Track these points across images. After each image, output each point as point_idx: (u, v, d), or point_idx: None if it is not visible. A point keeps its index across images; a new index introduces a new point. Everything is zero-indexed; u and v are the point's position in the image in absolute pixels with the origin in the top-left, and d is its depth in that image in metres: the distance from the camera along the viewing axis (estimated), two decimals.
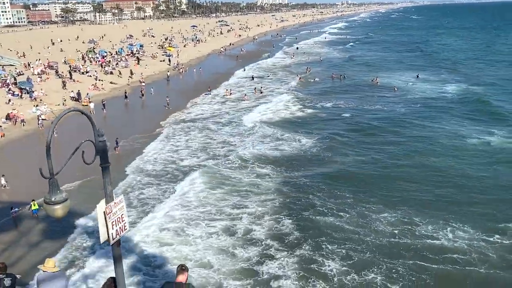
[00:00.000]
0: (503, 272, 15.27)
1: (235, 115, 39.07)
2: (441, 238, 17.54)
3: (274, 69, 66.35)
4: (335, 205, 20.59)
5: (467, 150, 28.13)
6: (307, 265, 16.05)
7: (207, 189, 22.85)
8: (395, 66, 66.29)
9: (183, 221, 19.47)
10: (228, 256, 16.73)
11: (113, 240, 6.07)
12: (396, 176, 24.16)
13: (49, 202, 5.09)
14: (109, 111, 40.13)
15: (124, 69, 59.11)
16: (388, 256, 16.36)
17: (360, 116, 37.70)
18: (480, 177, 23.65)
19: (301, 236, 18.00)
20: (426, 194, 21.72)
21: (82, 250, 17.18)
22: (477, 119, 35.69)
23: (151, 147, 30.05)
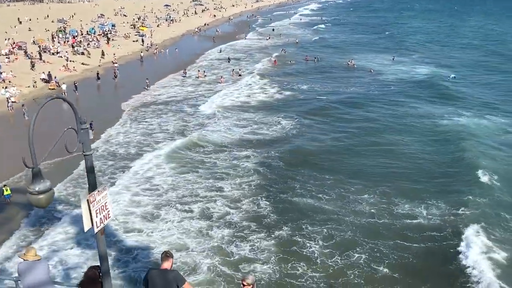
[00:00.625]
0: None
1: (210, 97, 38.75)
2: (417, 216, 18.16)
3: (250, 50, 65.81)
4: (314, 187, 20.93)
5: (438, 130, 29.08)
6: (288, 247, 16.29)
7: (177, 174, 22.77)
8: (369, 49, 66.70)
9: (153, 206, 19.37)
10: (204, 238, 16.81)
11: (97, 228, 6.04)
12: (373, 157, 24.76)
13: (33, 192, 5.00)
14: (81, 93, 39.18)
15: (96, 50, 57.53)
16: (370, 236, 16.83)
17: (338, 98, 38.09)
18: (451, 156, 24.51)
19: (281, 218, 18.28)
20: (401, 174, 22.38)
21: (63, 238, 16.90)
22: (446, 100, 36.69)
23: (123, 130, 29.67)
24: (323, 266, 15.21)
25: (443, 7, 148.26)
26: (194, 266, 15.13)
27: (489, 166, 22.54)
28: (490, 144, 26.50)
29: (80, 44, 59.63)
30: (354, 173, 22.65)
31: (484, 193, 19.67)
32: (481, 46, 67.60)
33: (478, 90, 40.80)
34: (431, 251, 15.93)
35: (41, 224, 17.84)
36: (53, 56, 52.11)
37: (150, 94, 39.81)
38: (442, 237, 16.70)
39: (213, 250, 16.08)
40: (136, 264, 15.36)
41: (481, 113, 32.73)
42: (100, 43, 61.86)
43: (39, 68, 45.28)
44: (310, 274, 14.73)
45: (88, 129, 5.79)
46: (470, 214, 17.96)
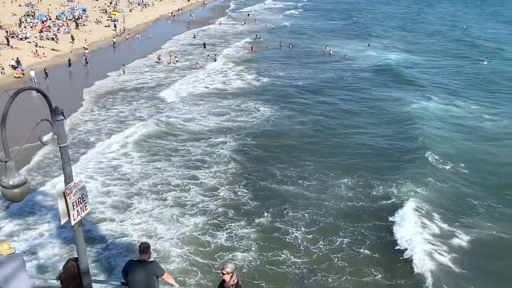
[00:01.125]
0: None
1: (184, 84, 38.29)
2: (391, 196, 18.61)
3: (225, 36, 65.14)
4: (294, 173, 21.08)
5: (409, 115, 29.72)
6: (270, 234, 16.38)
7: (147, 162, 22.55)
8: (343, 35, 67.01)
9: (123, 195, 19.14)
10: (178, 226, 16.73)
11: (74, 221, 5.96)
12: (351, 142, 25.32)
13: (6, 186, 4.88)
14: (52, 80, 38.12)
15: (67, 35, 55.88)
16: (351, 220, 17.20)
17: (315, 84, 38.31)
18: (422, 139, 25.09)
19: (261, 205, 18.31)
20: (376, 157, 22.88)
21: (38, 231, 16.50)
22: (415, 86, 37.45)
23: (94, 117, 29.15)
24: (306, 251, 15.39)
25: None
26: (167, 255, 15.01)
27: (442, 148, 23.67)
28: (446, 127, 27.63)
29: (50, 29, 57.77)
30: (332, 157, 23.06)
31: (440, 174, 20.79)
32: (447, 32, 68.71)
33: (441, 76, 41.84)
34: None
35: (14, 216, 17.40)
36: (21, 42, 50.34)
37: (123, 80, 39.09)
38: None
39: (188, 238, 15.98)
40: (110, 252, 15.20)
41: (443, 98, 33.85)
42: (71, 29, 60.10)
43: (7, 54, 43.70)
44: (294, 260, 14.87)
45: (63, 120, 5.66)
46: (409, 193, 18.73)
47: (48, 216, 17.31)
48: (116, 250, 15.39)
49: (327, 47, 53.45)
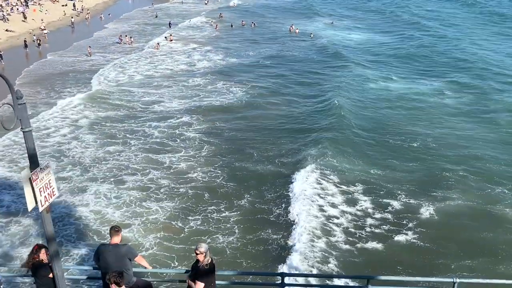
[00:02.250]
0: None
1: (142, 66, 37.58)
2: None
3: (188, 15, 63.95)
4: (272, 152, 21.14)
5: (372, 92, 30.42)
6: (252, 215, 16.25)
7: (103, 145, 22.12)
8: (308, 13, 66.98)
9: (83, 181, 18.78)
10: (148, 213, 16.53)
11: (42, 207, 5.83)
12: (319, 118, 25.59)
13: None
14: (7, 63, 36.50)
15: (21, 15, 53.42)
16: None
17: (283, 63, 38.23)
18: (383, 116, 25.93)
19: (240, 187, 18.12)
20: (341, 131, 23.40)
21: (3, 219, 15.99)
22: (377, 64, 38.15)
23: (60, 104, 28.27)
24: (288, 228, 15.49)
25: None
26: (138, 243, 14.67)
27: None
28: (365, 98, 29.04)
29: (2, 9, 54.96)
30: (305, 132, 23.47)
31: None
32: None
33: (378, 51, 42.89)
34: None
35: None
36: None
37: (88, 63, 37.87)
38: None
39: (159, 224, 15.77)
40: (77, 238, 14.96)
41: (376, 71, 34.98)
42: (26, 8, 57.38)
43: None
44: (275, 237, 14.95)
45: (25, 104, 5.47)
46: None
47: (14, 202, 16.82)
48: (84, 235, 15.13)
49: (292, 26, 53.20)
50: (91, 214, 16.25)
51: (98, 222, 15.75)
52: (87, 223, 15.74)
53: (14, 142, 21.98)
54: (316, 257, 13.82)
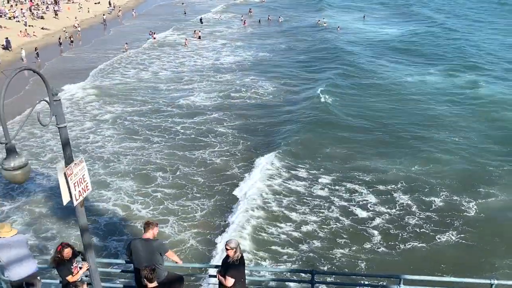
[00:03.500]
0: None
1: (177, 61, 37.84)
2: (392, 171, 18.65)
3: (218, 11, 64.13)
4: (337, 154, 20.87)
5: (406, 87, 29.69)
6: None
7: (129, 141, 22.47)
8: (341, 7, 66.20)
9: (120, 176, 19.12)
10: (185, 210, 16.79)
11: (76, 201, 5.93)
12: (346, 113, 25.24)
13: (8, 168, 4.81)
14: (43, 60, 37.54)
15: (57, 13, 54.88)
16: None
17: (312, 57, 37.88)
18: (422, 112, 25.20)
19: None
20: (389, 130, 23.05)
21: (40, 211, 16.47)
22: (413, 59, 37.10)
23: (88, 100, 28.84)
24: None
25: None
26: (169, 238, 14.87)
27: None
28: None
29: (39, 7, 56.59)
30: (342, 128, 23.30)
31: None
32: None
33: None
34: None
35: (17, 198, 17.39)
36: (10, 21, 49.31)
37: (123, 59, 38.61)
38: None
39: (192, 220, 15.94)
40: (111, 232, 15.26)
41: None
42: (61, 7, 58.89)
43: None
44: (313, 233, 14.79)
45: (60, 101, 5.56)
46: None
47: (50, 197, 17.29)
48: (115, 230, 15.44)
49: (321, 20, 52.60)
50: (122, 209, 16.56)
51: (129, 217, 16.04)
52: (118, 218, 16.05)
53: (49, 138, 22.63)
54: (347, 255, 13.66)
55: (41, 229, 15.41)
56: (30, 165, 5.00)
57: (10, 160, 4.81)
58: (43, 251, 13.89)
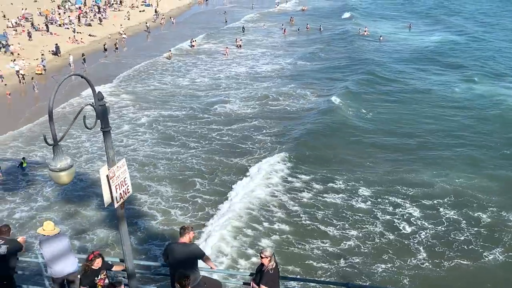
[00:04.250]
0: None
1: (217, 68, 38.26)
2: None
3: (260, 20, 64.55)
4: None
5: (452, 98, 28.87)
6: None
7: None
8: (386, 15, 65.23)
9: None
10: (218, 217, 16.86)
11: (117, 203, 6.07)
12: (386, 124, 24.79)
13: (54, 169, 5.01)
14: (89, 66, 38.96)
15: (104, 21, 56.95)
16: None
17: (353, 66, 37.51)
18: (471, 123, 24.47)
19: (322, 190, 18.15)
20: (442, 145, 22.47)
21: (82, 213, 17.02)
22: (458, 69, 36.06)
23: (124, 104, 29.62)
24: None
25: None
26: (206, 243, 14.97)
27: None
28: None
29: (86, 15, 58.94)
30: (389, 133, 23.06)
31: None
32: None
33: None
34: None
35: (55, 198, 18.04)
36: (60, 28, 51.62)
37: (162, 65, 39.53)
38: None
39: (229, 226, 15.99)
40: (148, 235, 15.54)
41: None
42: (107, 14, 61.10)
43: (47, 41, 44.93)
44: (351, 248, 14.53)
45: (106, 105, 5.74)
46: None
47: (92, 198, 17.82)
48: (154, 233, 15.71)
49: (365, 29, 51.86)
50: (161, 213, 16.85)
51: (167, 222, 16.28)
52: (157, 222, 16.33)
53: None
54: (389, 271, 13.32)
55: (78, 229, 15.89)
56: (75, 167, 5.18)
57: (57, 161, 4.99)
58: (80, 252, 14.32)
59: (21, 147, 22.74)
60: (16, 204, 17.59)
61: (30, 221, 16.22)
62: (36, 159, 20.90)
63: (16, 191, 18.63)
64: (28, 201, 17.82)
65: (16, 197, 18.17)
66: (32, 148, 22.56)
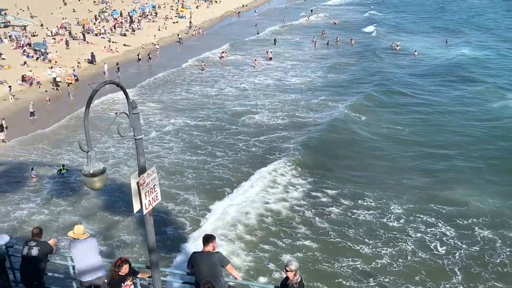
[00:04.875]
0: None
1: (245, 79, 38.67)
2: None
3: (289, 32, 64.78)
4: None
5: (488, 114, 28.22)
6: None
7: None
8: (418, 30, 64.36)
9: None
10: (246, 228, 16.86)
11: (146, 210, 6.16)
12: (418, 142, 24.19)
13: (87, 175, 5.14)
14: (123, 75, 39.94)
15: (138, 31, 58.44)
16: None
17: (383, 81, 37.18)
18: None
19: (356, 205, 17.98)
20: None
21: (112, 218, 17.33)
22: (493, 84, 35.11)
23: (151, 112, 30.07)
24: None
25: None
26: (231, 253, 15.05)
27: None
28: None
29: (122, 25, 60.60)
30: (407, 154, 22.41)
31: None
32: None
33: None
34: None
35: (83, 203, 18.43)
36: (96, 37, 53.24)
37: (192, 75, 40.22)
38: None
39: (255, 238, 16.04)
40: (172, 245, 15.63)
41: None
42: (142, 25, 62.67)
43: (83, 49, 46.40)
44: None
45: (139, 114, 5.86)
46: None
47: (119, 203, 18.14)
48: (182, 241, 15.82)
49: (394, 44, 51.34)
50: (189, 222, 16.99)
51: (194, 230, 16.36)
52: (184, 230, 16.48)
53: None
54: None
55: (106, 234, 16.18)
56: (107, 173, 5.30)
57: (90, 167, 5.13)
58: (107, 256, 14.52)
59: (47, 149, 23.54)
60: (47, 207, 18.09)
61: (60, 224, 16.62)
62: (74, 165, 21.40)
63: (49, 194, 19.18)
64: (58, 205, 18.32)
65: (48, 200, 18.69)
66: (59, 151, 23.31)
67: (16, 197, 18.88)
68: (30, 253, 7.47)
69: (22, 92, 33.66)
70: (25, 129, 26.73)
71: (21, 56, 41.87)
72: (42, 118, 28.68)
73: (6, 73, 36.57)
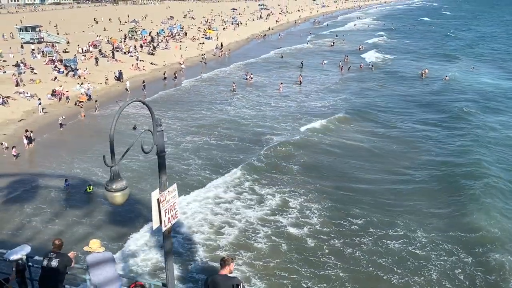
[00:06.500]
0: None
1: (267, 101, 39.00)
2: None
3: (314, 55, 65.26)
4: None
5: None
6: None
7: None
8: (442, 56, 64.25)
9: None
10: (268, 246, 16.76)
11: (165, 227, 6.18)
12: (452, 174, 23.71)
13: (110, 190, 5.22)
14: (148, 93, 40.74)
15: (165, 51, 59.78)
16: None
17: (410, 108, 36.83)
18: None
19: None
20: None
21: (125, 231, 17.49)
22: None
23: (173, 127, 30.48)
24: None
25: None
26: (247, 275, 15.03)
27: None
28: None
29: (150, 44, 62.10)
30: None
31: None
32: None
33: None
34: None
35: (97, 216, 18.62)
36: (124, 55, 54.66)
37: (216, 94, 40.82)
38: None
39: (264, 262, 15.96)
40: (190, 263, 15.59)
41: None
42: (169, 44, 64.10)
43: (112, 67, 47.63)
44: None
45: (163, 132, 5.95)
46: None
47: (137, 219, 18.25)
48: (199, 261, 15.79)
49: (425, 70, 51.23)
50: (208, 242, 16.92)
51: (214, 252, 16.28)
52: (202, 249, 16.41)
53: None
54: None
55: (124, 249, 16.23)
56: (129, 189, 5.37)
57: (113, 182, 5.22)
58: (122, 271, 14.58)
59: (76, 161, 24.15)
60: (69, 220, 18.34)
61: (79, 237, 16.79)
62: (99, 182, 21.62)
63: (75, 207, 19.46)
64: (80, 218, 18.55)
65: (72, 213, 18.98)
66: (76, 165, 23.82)
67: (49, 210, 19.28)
68: (50, 264, 7.55)
69: (51, 106, 34.62)
70: (52, 141, 27.53)
71: (52, 71, 43.25)
72: (70, 131, 29.47)
73: (37, 87, 37.78)
